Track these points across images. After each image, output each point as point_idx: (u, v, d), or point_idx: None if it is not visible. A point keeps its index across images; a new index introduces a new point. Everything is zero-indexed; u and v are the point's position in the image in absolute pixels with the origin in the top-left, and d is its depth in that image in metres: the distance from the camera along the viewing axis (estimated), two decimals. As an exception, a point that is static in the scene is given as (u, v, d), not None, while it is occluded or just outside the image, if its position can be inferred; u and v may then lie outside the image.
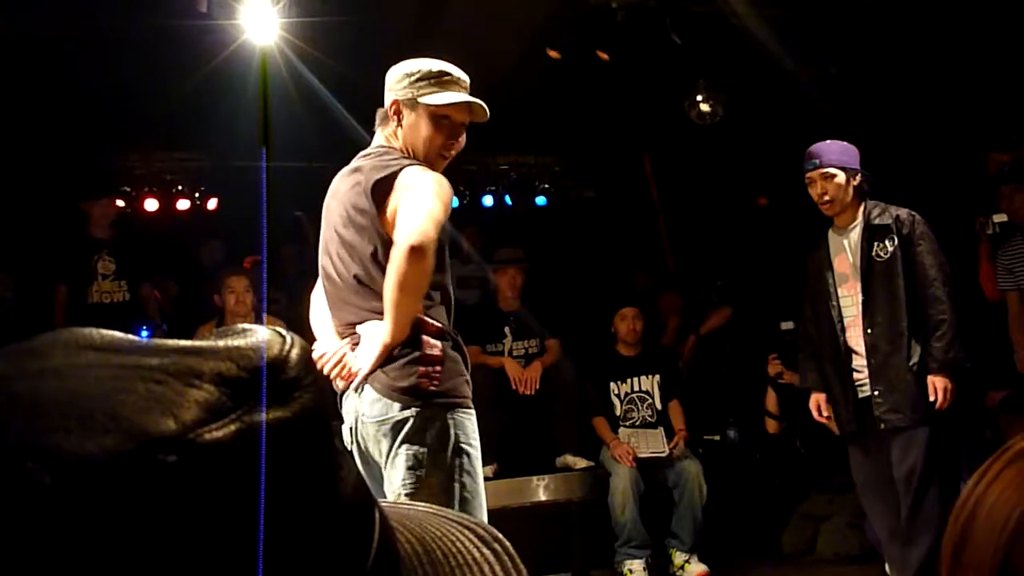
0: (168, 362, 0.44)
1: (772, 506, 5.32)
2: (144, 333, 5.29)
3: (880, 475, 3.86)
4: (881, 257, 3.83)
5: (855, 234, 3.91)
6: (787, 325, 5.14)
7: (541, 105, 5.91)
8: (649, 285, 6.74)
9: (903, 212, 3.85)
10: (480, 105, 2.56)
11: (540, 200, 7.48)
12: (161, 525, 0.39)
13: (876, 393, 3.79)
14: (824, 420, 4.07)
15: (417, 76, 2.54)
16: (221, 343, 0.47)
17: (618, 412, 5.26)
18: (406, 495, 2.38)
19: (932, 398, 3.67)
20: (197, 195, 6.99)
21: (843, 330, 3.92)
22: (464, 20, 4.82)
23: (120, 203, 6.46)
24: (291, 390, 0.45)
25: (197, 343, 0.47)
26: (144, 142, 6.86)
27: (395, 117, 2.59)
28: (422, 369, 2.42)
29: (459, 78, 2.59)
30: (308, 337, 2.69)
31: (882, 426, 3.78)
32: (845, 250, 3.95)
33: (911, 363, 3.74)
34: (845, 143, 3.92)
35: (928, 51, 5.08)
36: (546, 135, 6.88)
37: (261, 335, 0.48)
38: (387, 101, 2.61)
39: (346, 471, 0.48)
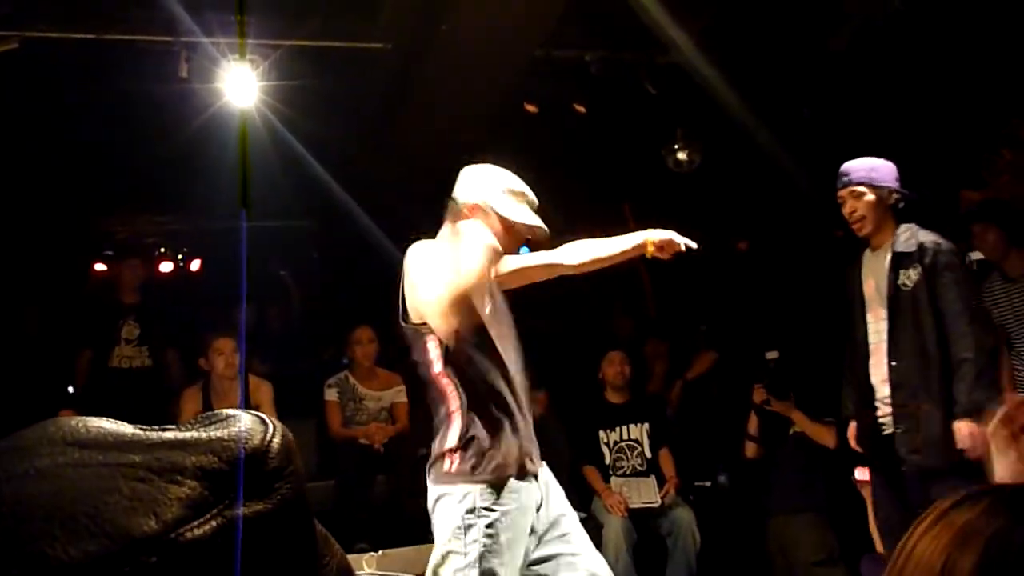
0: (152, 458, 0.45)
1: (765, 549, 5.27)
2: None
3: (896, 513, 3.56)
4: (907, 286, 3.51)
5: (885, 258, 3.60)
6: (772, 355, 5.14)
7: (520, 159, 5.97)
8: (633, 332, 6.75)
9: (929, 239, 3.55)
10: (543, 230, 2.84)
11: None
12: None
13: (899, 431, 3.50)
14: (859, 450, 3.77)
15: (501, 188, 2.77)
16: (204, 435, 0.47)
17: (607, 461, 5.23)
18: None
19: (958, 446, 3.32)
20: (180, 257, 7.02)
21: (867, 357, 3.65)
22: (441, 77, 4.88)
23: (167, 266, 6.59)
24: (272, 481, 0.46)
25: (181, 435, 0.47)
26: (126, 205, 6.89)
27: (471, 215, 2.72)
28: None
29: (532, 200, 2.84)
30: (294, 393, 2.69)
31: (903, 467, 3.49)
32: (875, 274, 3.66)
33: (941, 404, 3.41)
34: (879, 159, 3.64)
35: (899, 90, 5.18)
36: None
37: (244, 424, 0.49)
38: (466, 199, 2.75)
39: (328, 557, 0.49)
